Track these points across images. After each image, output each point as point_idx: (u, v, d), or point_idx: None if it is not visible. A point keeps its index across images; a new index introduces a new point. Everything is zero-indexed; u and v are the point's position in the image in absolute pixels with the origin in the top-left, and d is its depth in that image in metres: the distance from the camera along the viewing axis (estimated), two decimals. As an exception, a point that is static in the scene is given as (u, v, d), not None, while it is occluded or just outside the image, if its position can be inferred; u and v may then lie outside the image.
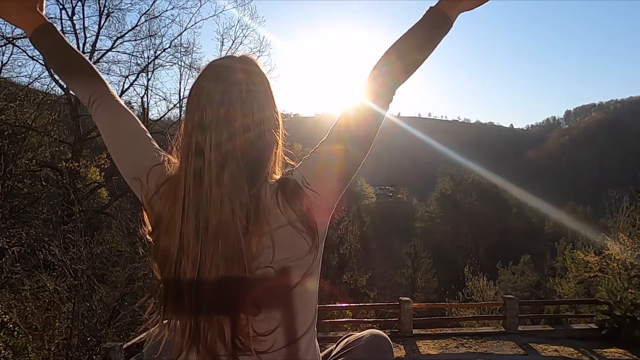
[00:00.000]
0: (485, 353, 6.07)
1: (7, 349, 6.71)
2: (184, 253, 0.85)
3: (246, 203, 0.86)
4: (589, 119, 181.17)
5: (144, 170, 0.95)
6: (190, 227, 0.85)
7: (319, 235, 0.91)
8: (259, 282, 0.85)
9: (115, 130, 1.03)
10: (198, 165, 0.87)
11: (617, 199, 17.09)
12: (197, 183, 0.86)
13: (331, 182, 0.94)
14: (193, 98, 0.91)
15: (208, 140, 0.87)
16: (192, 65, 18.08)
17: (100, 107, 1.04)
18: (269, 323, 0.87)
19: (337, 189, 0.95)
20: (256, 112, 0.90)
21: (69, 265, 8.76)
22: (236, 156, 0.87)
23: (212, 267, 0.84)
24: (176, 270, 0.86)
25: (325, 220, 0.94)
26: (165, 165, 0.96)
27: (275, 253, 0.86)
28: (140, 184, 0.95)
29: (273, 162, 0.95)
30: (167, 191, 0.92)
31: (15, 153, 13.53)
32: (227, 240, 0.84)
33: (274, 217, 0.86)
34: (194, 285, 0.84)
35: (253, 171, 0.89)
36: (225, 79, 0.90)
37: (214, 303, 0.84)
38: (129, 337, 8.17)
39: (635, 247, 12.20)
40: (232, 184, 0.85)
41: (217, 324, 0.84)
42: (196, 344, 0.86)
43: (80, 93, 1.09)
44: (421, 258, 34.38)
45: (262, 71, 0.95)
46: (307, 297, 0.93)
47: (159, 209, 0.91)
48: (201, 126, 0.88)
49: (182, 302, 0.85)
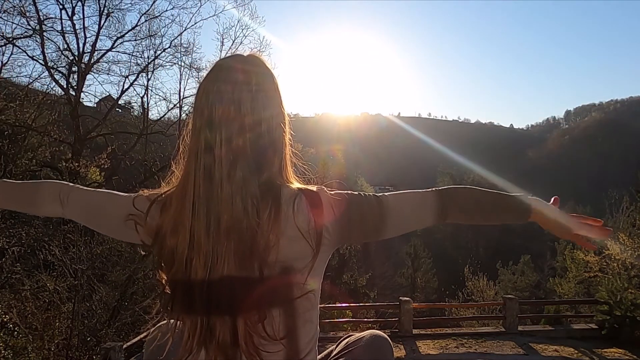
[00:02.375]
0: (485, 353, 6.06)
1: (7, 349, 6.71)
2: (195, 251, 0.85)
3: (257, 200, 0.86)
4: (589, 119, 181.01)
5: (128, 208, 0.95)
6: (201, 225, 0.85)
7: (323, 247, 0.90)
8: (269, 282, 0.85)
9: (89, 206, 1.04)
10: (208, 163, 0.87)
11: (617, 199, 17.09)
12: (207, 180, 0.86)
13: (351, 227, 0.93)
14: (202, 96, 0.91)
15: (218, 137, 0.87)
16: (192, 65, 18.09)
17: (69, 198, 1.05)
18: (276, 323, 0.87)
19: (347, 237, 0.96)
20: (265, 109, 0.91)
21: (69, 265, 8.76)
22: (246, 153, 0.87)
23: (224, 265, 0.83)
24: (186, 269, 0.85)
25: (329, 248, 0.93)
26: (148, 194, 0.96)
27: (282, 253, 0.86)
28: (130, 214, 0.94)
29: (284, 161, 0.95)
30: (170, 196, 0.92)
31: (15, 153, 13.53)
32: (239, 237, 0.84)
33: (286, 220, 0.86)
34: (206, 284, 0.84)
35: (262, 168, 0.89)
36: (234, 78, 0.91)
37: (225, 302, 0.84)
38: (129, 337, 8.17)
39: (635, 247, 12.21)
40: (243, 180, 0.86)
41: (230, 323, 0.84)
42: (207, 344, 0.85)
43: (51, 208, 1.07)
44: (421, 258, 34.41)
45: (269, 70, 0.96)
46: (312, 298, 0.93)
47: (156, 222, 0.91)
48: (210, 124, 0.88)
49: (193, 301, 0.85)
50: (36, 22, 15.20)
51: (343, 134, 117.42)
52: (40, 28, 15.29)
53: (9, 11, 14.36)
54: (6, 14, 14.37)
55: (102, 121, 17.70)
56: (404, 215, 0.98)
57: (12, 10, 14.42)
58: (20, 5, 14.51)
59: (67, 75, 16.77)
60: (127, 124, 19.90)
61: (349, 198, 0.94)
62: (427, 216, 0.99)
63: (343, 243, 0.97)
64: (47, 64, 15.82)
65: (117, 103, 19.17)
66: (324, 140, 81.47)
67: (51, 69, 16.05)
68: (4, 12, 14.29)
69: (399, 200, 0.98)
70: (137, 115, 20.04)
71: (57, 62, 16.54)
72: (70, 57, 16.74)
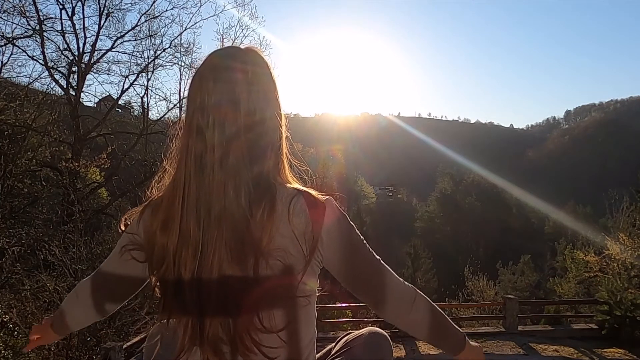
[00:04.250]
0: (485, 353, 6.04)
1: (7, 349, 6.70)
2: (185, 243, 0.82)
3: (250, 190, 0.83)
4: (589, 119, 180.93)
5: (120, 243, 0.98)
6: (190, 215, 0.82)
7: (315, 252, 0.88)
8: (265, 280, 0.82)
9: (106, 282, 1.08)
10: (199, 149, 0.84)
11: (617, 199, 17.09)
12: (198, 168, 0.84)
13: (337, 250, 0.90)
14: (195, 83, 0.90)
15: (211, 122, 0.85)
16: (192, 65, 18.05)
17: (92, 298, 1.10)
18: (271, 321, 0.85)
19: (332, 258, 0.91)
20: (260, 98, 0.89)
21: (69, 265, 8.76)
22: (240, 140, 0.85)
23: (214, 255, 0.80)
24: (175, 264, 0.83)
25: None
26: (134, 209, 0.97)
27: (276, 243, 0.83)
28: (122, 247, 0.96)
29: (280, 155, 0.93)
30: (162, 196, 0.91)
31: (15, 153, 13.52)
32: (231, 225, 0.81)
33: (280, 218, 0.83)
34: (196, 282, 0.81)
35: (256, 159, 0.87)
36: (230, 66, 0.90)
37: (217, 299, 0.81)
38: (129, 337, 8.16)
39: (635, 247, 12.20)
40: (236, 168, 0.83)
41: (221, 321, 0.82)
42: (199, 343, 0.83)
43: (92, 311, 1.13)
44: (421, 258, 34.39)
45: (265, 60, 0.95)
46: (309, 297, 0.91)
47: (147, 224, 0.91)
48: (202, 108, 0.86)
49: (183, 299, 0.83)
50: (36, 22, 15.20)
51: (343, 134, 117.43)
52: (40, 28, 15.29)
53: (9, 11, 14.38)
54: (6, 14, 14.39)
55: (102, 121, 17.69)
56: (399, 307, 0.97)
57: (12, 10, 14.43)
58: (20, 5, 14.52)
59: (67, 75, 16.77)
60: (127, 124, 19.88)
61: (361, 241, 0.93)
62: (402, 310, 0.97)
63: (326, 266, 0.93)
64: (47, 64, 15.82)
65: (117, 103, 19.15)
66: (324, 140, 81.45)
67: (51, 69, 16.06)
68: (4, 12, 14.31)
69: None
70: (137, 115, 20.02)
71: (57, 62, 16.55)
72: (70, 57, 16.74)
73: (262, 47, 12.91)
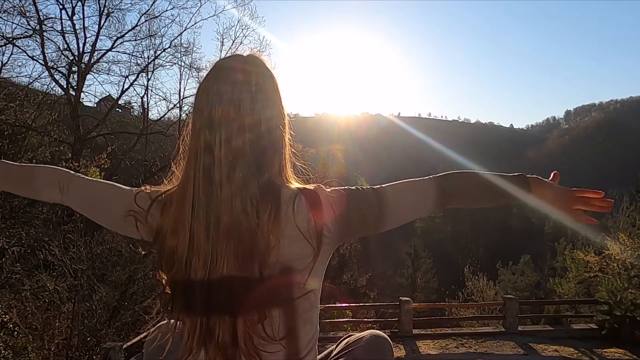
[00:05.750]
0: (485, 353, 6.06)
1: (7, 349, 6.70)
2: (194, 252, 0.85)
3: (257, 201, 0.85)
4: (589, 119, 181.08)
5: (130, 204, 0.95)
6: (200, 225, 0.85)
7: (324, 246, 0.90)
8: (269, 282, 0.85)
9: (89, 197, 1.04)
10: (207, 163, 0.87)
11: (617, 199, 17.07)
12: (206, 181, 0.86)
13: (351, 224, 0.93)
14: (201, 96, 0.91)
15: (218, 137, 0.87)
16: (192, 65, 18.07)
17: (69, 187, 1.04)
18: (276, 323, 0.87)
19: (347, 234, 0.96)
20: (265, 109, 0.91)
21: (69, 265, 8.76)
22: (246, 153, 0.87)
23: (223, 266, 0.83)
24: (186, 269, 0.85)
25: (330, 248, 0.93)
26: (150, 191, 0.96)
27: (282, 253, 0.86)
28: (131, 211, 0.94)
29: (283, 162, 0.95)
30: (171, 196, 0.92)
31: (15, 153, 13.51)
32: (239, 238, 0.84)
33: (286, 220, 0.86)
34: (205, 285, 0.84)
35: (262, 169, 0.89)
36: (234, 78, 0.91)
37: (225, 302, 0.84)
38: (129, 337, 8.17)
39: (635, 247, 12.21)
40: (243, 181, 0.85)
41: (229, 323, 0.84)
42: (207, 344, 0.85)
43: (50, 194, 1.07)
44: (421, 258, 34.39)
45: (269, 70, 0.96)
46: (312, 298, 0.93)
47: (157, 222, 0.91)
48: (210, 124, 0.88)
49: (193, 301, 0.85)
50: (36, 22, 15.22)
51: (343, 134, 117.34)
52: (40, 28, 15.30)
53: (9, 11, 14.39)
54: (6, 14, 14.41)
55: (102, 121, 17.70)
56: (403, 208, 0.98)
57: (12, 10, 14.45)
58: (20, 5, 14.54)
59: (67, 75, 16.78)
60: (127, 124, 19.88)
61: (348, 195, 0.94)
62: (426, 206, 1.00)
63: (343, 240, 0.97)
64: (47, 64, 15.84)
65: (117, 103, 19.17)
66: (324, 140, 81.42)
67: (51, 69, 16.07)
68: (4, 12, 14.32)
69: (398, 192, 0.98)
70: (137, 115, 20.04)
71: (57, 62, 16.58)
72: (70, 57, 16.76)
73: (262, 47, 12.64)
